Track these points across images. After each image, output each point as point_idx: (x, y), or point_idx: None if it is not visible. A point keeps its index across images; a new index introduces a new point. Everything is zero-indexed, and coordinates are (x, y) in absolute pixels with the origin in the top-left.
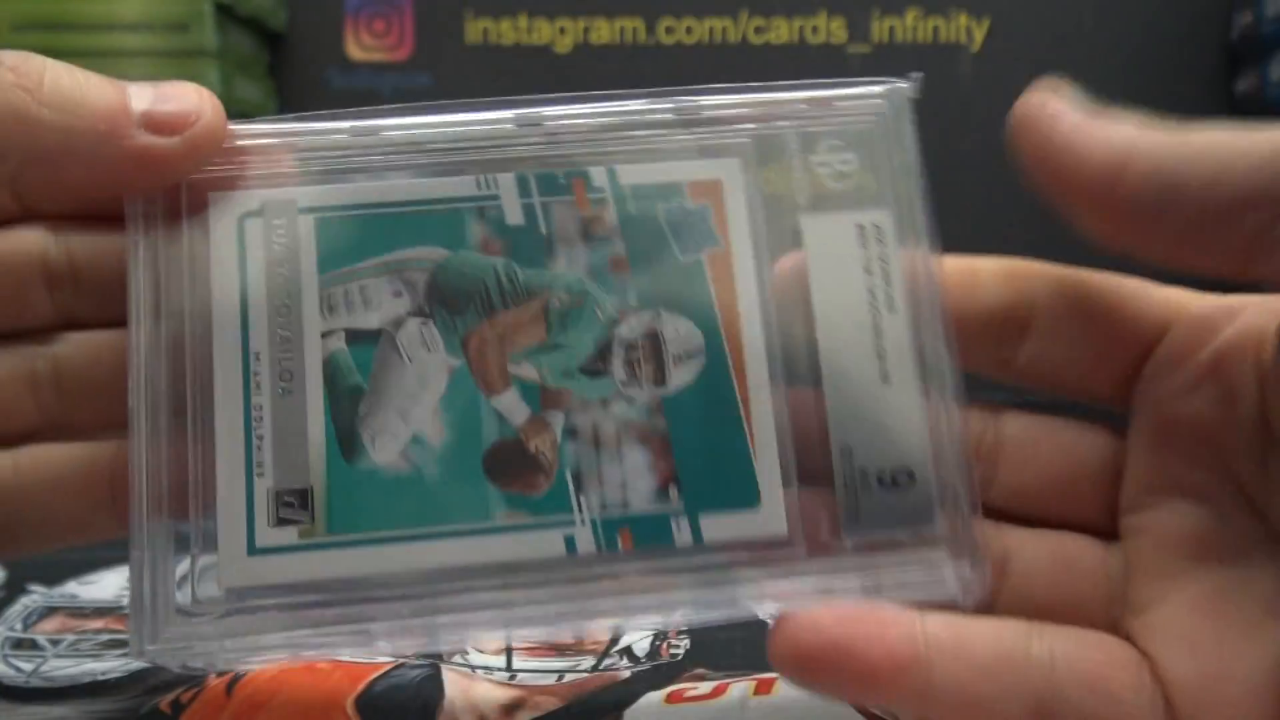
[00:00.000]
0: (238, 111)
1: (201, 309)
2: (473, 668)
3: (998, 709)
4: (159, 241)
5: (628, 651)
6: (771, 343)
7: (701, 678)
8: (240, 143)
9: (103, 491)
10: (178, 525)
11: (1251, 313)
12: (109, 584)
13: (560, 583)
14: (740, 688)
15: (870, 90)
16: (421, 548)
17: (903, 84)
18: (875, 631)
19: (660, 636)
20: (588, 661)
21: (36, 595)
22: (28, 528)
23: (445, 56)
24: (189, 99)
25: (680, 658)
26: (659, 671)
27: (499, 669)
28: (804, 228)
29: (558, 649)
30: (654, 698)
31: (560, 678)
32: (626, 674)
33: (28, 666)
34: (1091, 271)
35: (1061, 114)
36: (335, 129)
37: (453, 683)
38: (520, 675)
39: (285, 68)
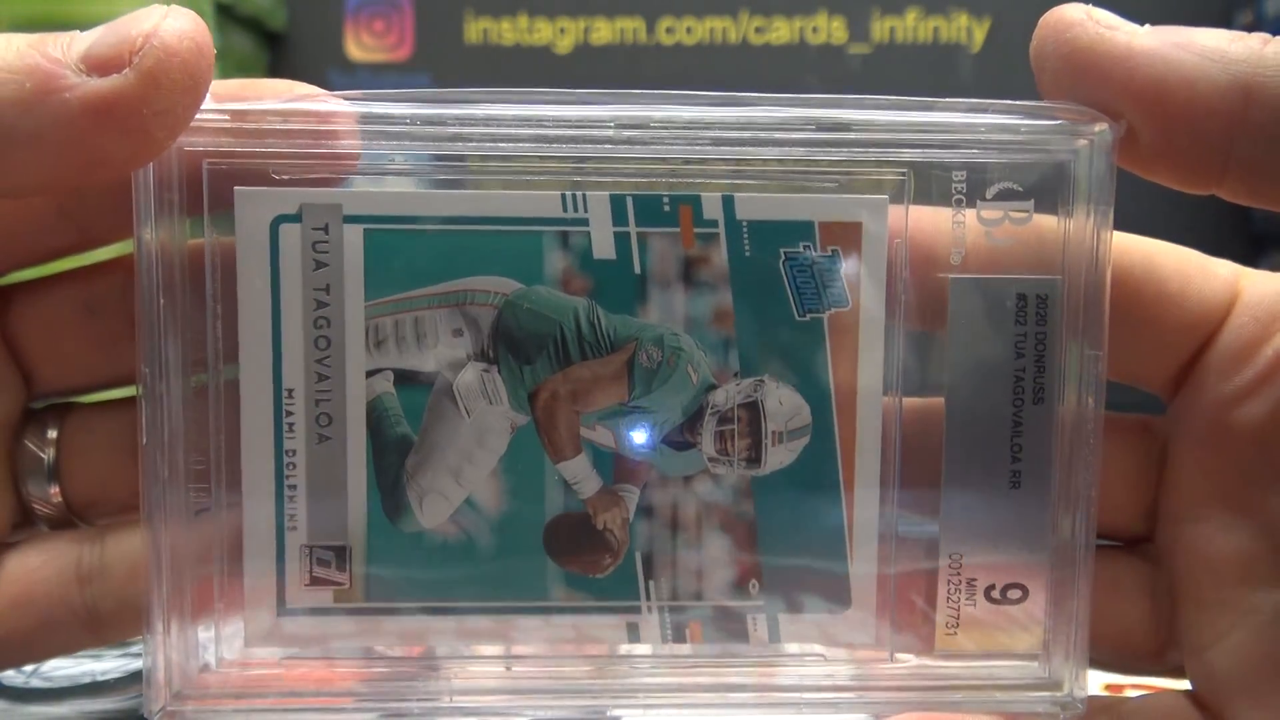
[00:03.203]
0: None
1: (226, 333)
2: None
3: None
4: (175, 244)
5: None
6: (891, 429)
7: None
8: (272, 123)
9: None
10: (203, 580)
11: None
12: None
13: (618, 673)
14: None
15: (1066, 125)
16: (468, 623)
17: (1108, 127)
18: None
19: None
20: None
21: None
22: (116, 614)
23: (445, 56)
24: (138, 21)
25: None
26: None
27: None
28: (951, 292)
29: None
30: None
31: None
32: None
33: (28, 667)
34: (1146, 240)
35: (1131, 33)
36: (396, 115)
37: None
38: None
39: (285, 68)
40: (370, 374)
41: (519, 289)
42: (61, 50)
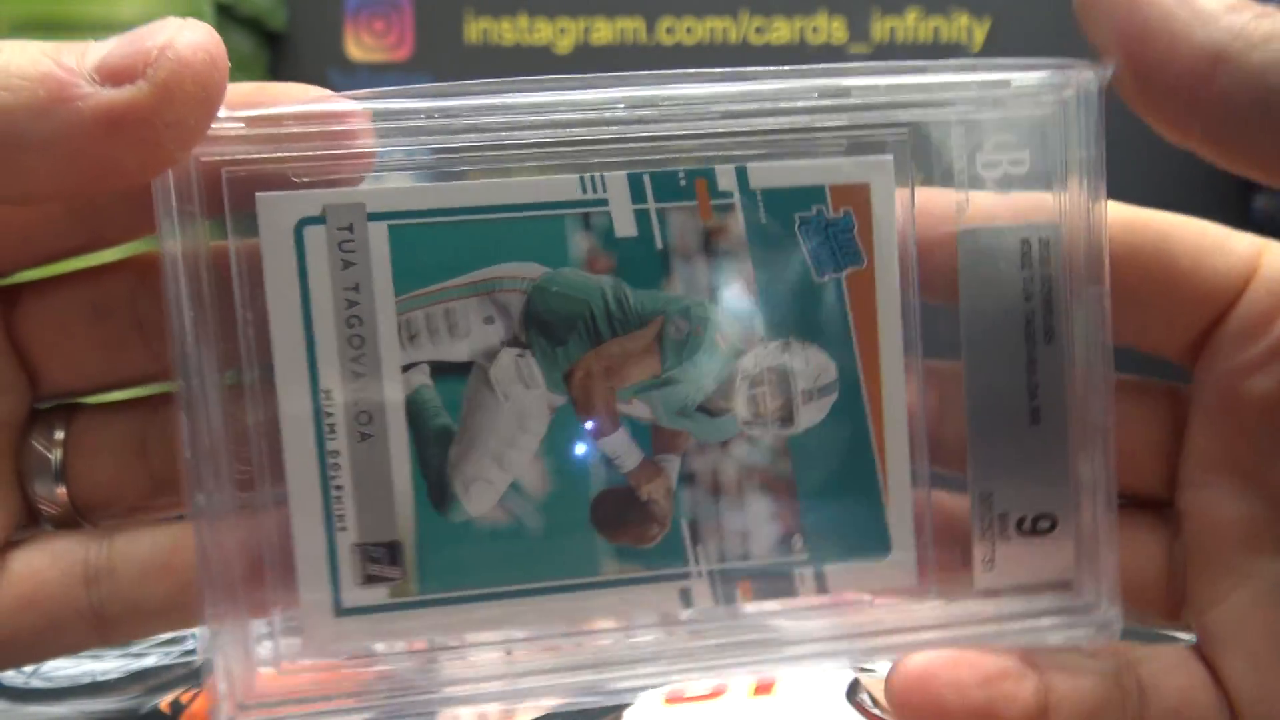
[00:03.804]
0: None
1: (259, 337)
2: None
3: None
4: (200, 254)
5: None
6: (915, 377)
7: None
8: (287, 128)
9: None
10: (255, 588)
11: None
12: None
13: (677, 637)
14: (740, 688)
15: (1053, 75)
16: (524, 605)
17: (1092, 70)
18: (1010, 692)
19: None
20: None
21: None
22: (123, 615)
23: (445, 56)
24: (154, 33)
25: None
26: None
27: None
28: (960, 242)
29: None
30: (654, 698)
31: None
32: None
33: (28, 667)
34: (1164, 216)
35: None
36: (410, 109)
37: None
38: None
39: (285, 68)
40: (406, 368)
41: (546, 273)
42: (76, 59)
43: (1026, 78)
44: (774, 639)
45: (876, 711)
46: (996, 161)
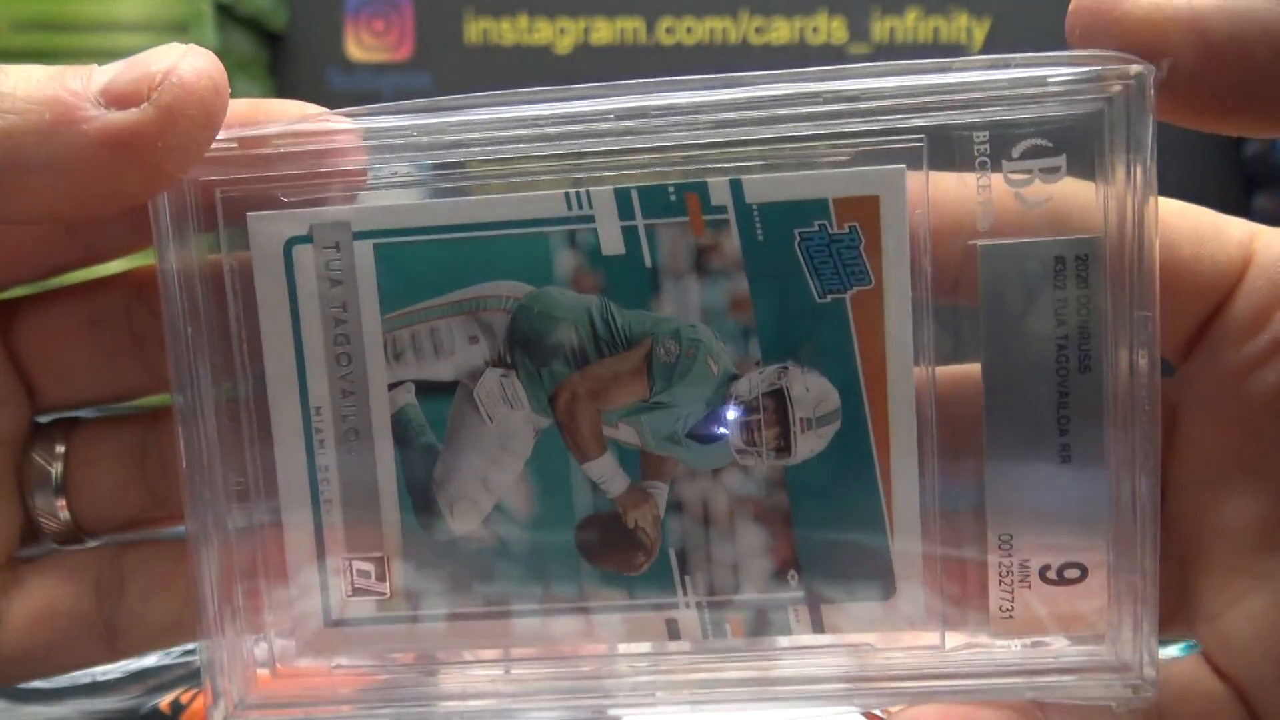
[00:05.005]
0: None
1: (253, 354)
2: None
3: None
4: (196, 271)
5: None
6: (926, 406)
7: None
8: (278, 148)
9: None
10: (250, 597)
11: None
12: None
13: (660, 670)
14: None
15: (1098, 71)
16: (506, 626)
17: (1143, 67)
18: None
19: None
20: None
21: None
22: (133, 630)
23: (445, 56)
24: (158, 58)
25: None
26: None
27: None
28: (982, 260)
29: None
30: None
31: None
32: None
33: None
34: (1163, 199)
35: None
36: (397, 127)
37: None
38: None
39: (285, 68)
40: (392, 386)
41: (530, 291)
42: (81, 83)
43: (1066, 73)
44: (769, 678)
45: (878, 712)
46: (1027, 169)
